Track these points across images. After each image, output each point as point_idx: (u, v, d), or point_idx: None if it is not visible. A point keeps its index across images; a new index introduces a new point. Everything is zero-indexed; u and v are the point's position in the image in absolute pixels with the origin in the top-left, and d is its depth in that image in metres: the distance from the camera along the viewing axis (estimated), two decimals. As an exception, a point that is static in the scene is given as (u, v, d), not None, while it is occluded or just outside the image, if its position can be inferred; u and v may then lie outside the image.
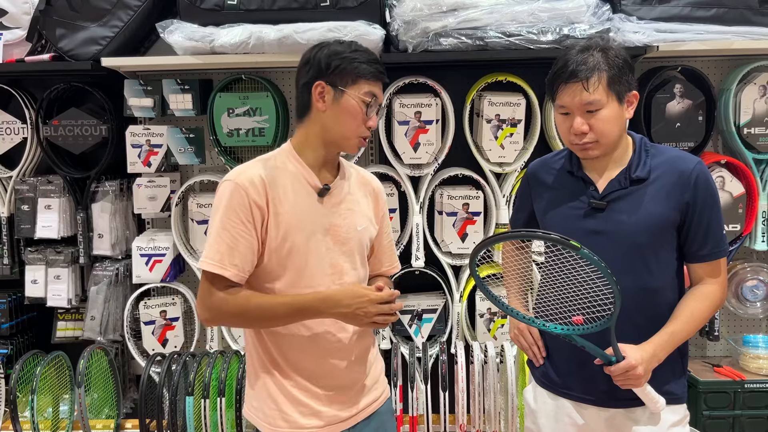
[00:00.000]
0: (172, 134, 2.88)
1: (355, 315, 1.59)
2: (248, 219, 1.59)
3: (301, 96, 1.68)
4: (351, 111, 1.63)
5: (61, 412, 2.86)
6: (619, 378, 1.60)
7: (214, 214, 1.62)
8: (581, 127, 1.65)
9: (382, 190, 1.87)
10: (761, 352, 2.79)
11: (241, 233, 1.58)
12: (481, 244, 1.58)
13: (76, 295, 2.99)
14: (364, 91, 1.63)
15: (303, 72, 1.66)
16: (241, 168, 1.65)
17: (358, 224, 1.74)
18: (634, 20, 2.59)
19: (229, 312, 1.60)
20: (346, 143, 1.67)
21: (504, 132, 2.79)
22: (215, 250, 1.58)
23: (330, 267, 1.68)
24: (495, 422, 2.64)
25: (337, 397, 1.71)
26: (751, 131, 2.80)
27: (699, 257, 1.71)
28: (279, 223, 1.61)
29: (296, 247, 1.63)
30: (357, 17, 2.59)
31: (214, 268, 1.58)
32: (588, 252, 1.47)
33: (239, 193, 1.59)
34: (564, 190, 1.78)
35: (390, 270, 1.92)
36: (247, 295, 1.61)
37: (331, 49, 1.64)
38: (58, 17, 2.71)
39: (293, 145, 1.70)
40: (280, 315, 1.61)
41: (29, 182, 2.95)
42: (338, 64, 1.62)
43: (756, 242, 2.84)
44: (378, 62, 1.66)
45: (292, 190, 1.64)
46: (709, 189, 1.69)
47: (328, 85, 1.62)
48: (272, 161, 1.67)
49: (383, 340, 2.85)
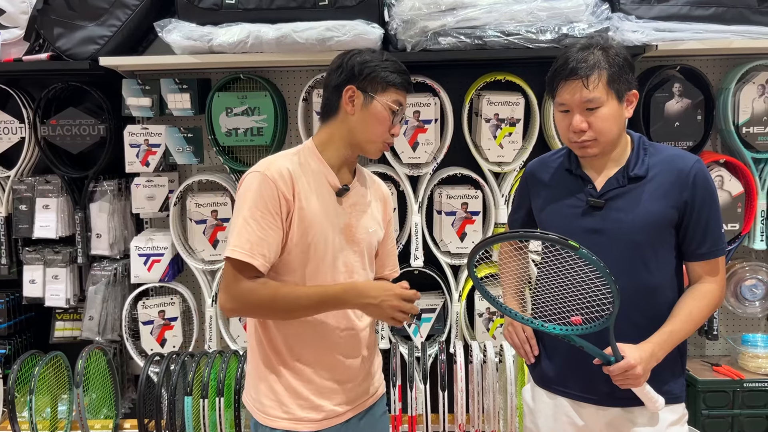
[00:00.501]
0: (171, 134, 2.87)
1: (380, 307, 1.63)
2: (276, 211, 1.61)
3: (330, 98, 1.73)
4: (379, 117, 1.68)
5: (59, 412, 2.86)
6: (618, 378, 1.60)
7: (242, 204, 1.63)
8: (580, 125, 1.65)
9: (390, 196, 1.93)
10: (760, 351, 2.79)
11: (270, 224, 1.61)
12: (479, 244, 1.57)
13: (74, 295, 2.99)
14: (392, 99, 1.69)
15: (334, 75, 1.71)
16: (269, 160, 1.69)
17: (369, 227, 1.79)
18: (632, 19, 2.59)
19: (258, 302, 1.61)
20: (370, 147, 1.72)
21: (503, 131, 2.79)
22: (245, 239, 1.59)
23: (343, 265, 1.72)
24: (494, 422, 2.64)
25: (336, 392, 1.74)
26: (749, 130, 2.80)
27: (697, 256, 1.71)
28: (302, 218, 1.65)
29: (315, 242, 1.67)
30: (356, 16, 2.58)
31: (244, 256, 1.58)
32: (587, 252, 1.47)
33: (268, 184, 1.61)
34: (562, 188, 1.78)
35: (392, 274, 1.96)
36: (276, 285, 1.63)
37: (364, 56, 1.70)
38: (56, 16, 2.71)
39: (316, 144, 1.74)
40: (306, 305, 1.63)
41: (27, 182, 2.94)
42: (370, 72, 1.68)
43: (755, 241, 2.84)
44: (407, 73, 1.73)
45: (315, 188, 1.68)
46: (708, 187, 1.69)
47: (358, 90, 1.68)
48: (298, 157, 1.71)
49: (382, 339, 2.85)
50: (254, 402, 1.75)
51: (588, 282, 1.56)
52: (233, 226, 1.64)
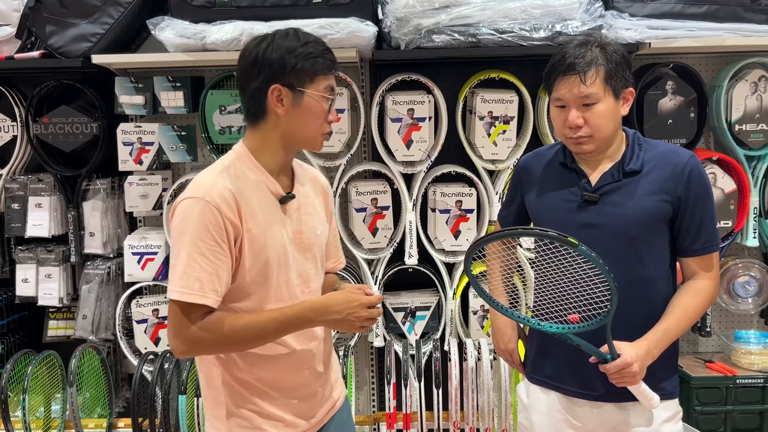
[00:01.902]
0: (164, 132, 2.86)
1: (347, 320, 1.54)
2: (223, 239, 1.46)
3: (252, 101, 1.55)
4: (314, 111, 1.54)
5: (52, 411, 2.85)
6: (615, 376, 1.60)
7: (182, 236, 1.46)
8: (576, 120, 1.65)
9: (328, 185, 1.81)
10: (753, 347, 2.81)
11: (218, 256, 1.46)
12: (477, 242, 1.57)
13: (67, 294, 2.98)
14: (323, 87, 1.54)
15: (251, 74, 1.53)
16: (205, 182, 1.50)
17: (317, 228, 1.68)
18: (626, 17, 2.60)
19: (215, 340, 1.48)
20: (312, 143, 1.59)
21: (497, 129, 2.79)
22: (194, 278, 1.44)
23: (298, 277, 1.62)
24: (488, 419, 2.65)
25: (306, 405, 1.67)
26: (742, 128, 2.81)
27: (692, 251, 1.71)
28: (252, 239, 1.51)
29: (270, 261, 1.54)
30: (349, 14, 2.58)
31: (197, 298, 1.44)
32: (586, 249, 1.46)
33: (211, 211, 1.45)
34: (556, 182, 1.78)
35: (336, 266, 1.85)
36: (231, 319, 1.48)
37: (281, 45, 1.51)
38: (48, 14, 2.69)
39: (249, 150, 1.58)
40: (270, 332, 1.51)
41: (19, 180, 2.93)
42: (294, 63, 1.50)
43: (747, 238, 2.85)
44: (330, 50, 1.56)
45: (258, 202, 1.54)
46: (702, 183, 1.69)
47: (285, 87, 1.51)
48: (233, 170, 1.54)
49: (376, 338, 2.85)
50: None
51: (585, 279, 1.56)
52: (176, 262, 1.46)
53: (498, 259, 1.93)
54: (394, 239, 2.88)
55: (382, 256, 2.87)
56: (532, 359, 1.86)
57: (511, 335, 1.94)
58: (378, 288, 2.83)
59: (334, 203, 1.83)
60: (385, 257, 2.87)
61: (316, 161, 2.79)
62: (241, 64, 1.55)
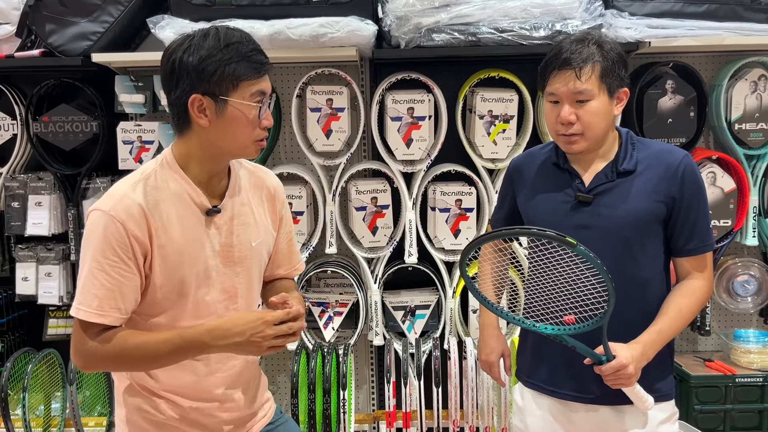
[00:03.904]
0: (164, 130, 2.86)
1: (250, 343, 1.40)
2: (128, 256, 1.38)
3: (174, 109, 1.44)
4: (241, 120, 1.41)
5: (52, 409, 2.86)
6: (610, 378, 1.59)
7: (86, 250, 1.40)
8: (568, 116, 1.63)
9: (278, 188, 1.67)
10: (752, 346, 2.81)
11: (122, 273, 1.39)
12: (473, 242, 1.56)
13: (67, 293, 2.97)
14: (250, 94, 1.41)
15: (170, 82, 1.41)
16: (115, 193, 1.42)
17: (252, 240, 1.56)
18: (626, 16, 2.60)
19: (106, 357, 1.41)
20: (243, 152, 1.47)
21: (496, 128, 2.79)
22: (92, 295, 1.38)
23: (221, 293, 1.52)
24: (488, 418, 2.65)
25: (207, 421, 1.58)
26: (742, 127, 2.81)
27: (685, 251, 1.70)
28: (165, 256, 1.43)
29: (185, 278, 1.46)
30: (349, 12, 2.58)
31: (93, 317, 1.38)
32: (584, 249, 1.45)
33: (115, 226, 1.37)
34: (549, 182, 1.76)
35: (290, 273, 1.74)
36: (124, 336, 1.41)
37: (200, 50, 1.38)
38: (48, 12, 2.69)
39: (176, 158, 1.48)
40: (163, 354, 1.41)
41: (19, 179, 2.92)
42: (213, 70, 1.37)
43: (747, 237, 2.85)
44: (257, 50, 1.42)
45: (177, 215, 1.45)
46: (696, 182, 1.68)
47: (206, 97, 1.39)
48: (152, 180, 1.45)
49: (376, 336, 2.85)
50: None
51: (581, 280, 1.55)
52: (80, 275, 1.41)
53: (490, 261, 1.92)
54: (394, 238, 2.88)
55: (381, 254, 2.87)
56: (527, 364, 1.84)
57: (494, 348, 1.93)
58: (378, 287, 2.83)
59: (285, 206, 1.69)
60: (384, 256, 2.87)
61: (315, 160, 2.80)
62: (162, 69, 1.44)
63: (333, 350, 2.69)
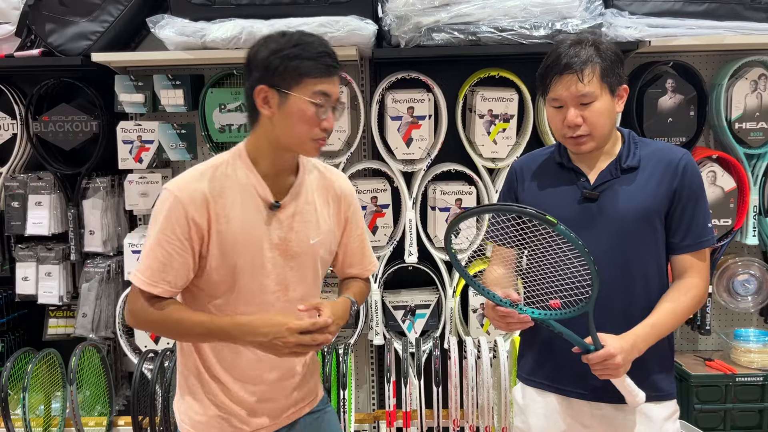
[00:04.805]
0: (164, 130, 2.86)
1: (272, 345, 1.48)
2: (185, 236, 1.50)
3: (247, 100, 1.55)
4: (299, 115, 1.49)
5: (53, 409, 2.86)
6: (597, 367, 1.58)
7: (153, 224, 1.53)
8: (575, 119, 1.65)
9: (348, 191, 1.74)
10: (752, 345, 2.81)
11: (177, 249, 1.50)
12: (456, 218, 1.55)
13: (67, 292, 2.98)
14: (311, 92, 1.48)
15: (246, 74, 1.54)
16: (185, 178, 1.54)
17: (311, 237, 1.63)
18: (626, 15, 2.60)
19: (149, 321, 1.55)
20: (301, 148, 1.55)
21: (496, 127, 2.79)
22: (146, 266, 1.52)
23: (276, 284, 1.60)
24: (488, 417, 2.65)
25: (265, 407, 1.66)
26: (742, 126, 2.81)
27: (683, 248, 1.71)
28: (222, 242, 1.53)
29: (240, 264, 1.55)
30: (349, 12, 2.58)
31: (144, 285, 1.52)
32: (564, 228, 1.45)
33: (178, 208, 1.49)
34: (554, 181, 1.78)
35: (362, 273, 1.81)
36: (169, 309, 1.54)
37: (271, 46, 1.49)
38: (48, 12, 2.69)
39: (248, 151, 1.58)
40: (196, 333, 1.55)
41: (19, 179, 2.92)
42: (278, 64, 1.47)
43: (747, 237, 2.85)
44: (328, 54, 1.50)
45: (240, 205, 1.54)
46: (696, 179, 1.71)
47: (270, 88, 1.49)
48: (222, 169, 1.56)
49: (376, 336, 2.85)
50: (181, 414, 1.67)
51: (567, 264, 1.54)
52: (144, 246, 1.55)
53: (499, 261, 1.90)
54: (394, 237, 2.88)
55: (382, 254, 2.87)
56: (530, 363, 1.84)
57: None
58: (378, 286, 2.83)
59: (353, 209, 1.76)
60: (384, 255, 2.87)
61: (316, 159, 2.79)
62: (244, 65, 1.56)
63: (333, 350, 2.69)
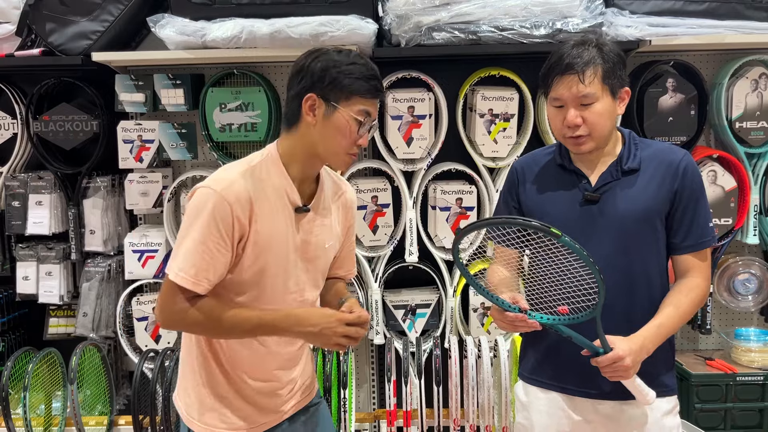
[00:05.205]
0: (164, 129, 2.86)
1: (322, 335, 1.56)
2: (228, 235, 1.53)
3: (292, 104, 1.60)
4: (342, 129, 1.56)
5: (53, 408, 2.86)
6: (607, 369, 1.61)
7: (193, 222, 1.53)
8: (575, 120, 1.66)
9: (353, 201, 1.83)
10: (753, 345, 2.81)
11: (220, 248, 1.53)
12: (462, 231, 1.57)
13: (68, 292, 2.98)
14: (357, 109, 1.55)
15: (295, 80, 1.59)
16: (226, 177, 1.57)
17: (326, 241, 1.71)
18: (626, 14, 2.59)
19: (193, 323, 1.56)
20: (333, 159, 1.61)
21: (497, 127, 2.79)
22: (191, 264, 1.52)
23: (294, 285, 1.66)
24: (489, 416, 2.65)
25: (272, 401, 1.72)
26: (743, 125, 2.80)
27: (684, 248, 1.73)
28: (256, 241, 1.57)
29: (268, 265, 1.60)
30: (349, 11, 2.58)
31: (188, 283, 1.52)
32: (569, 240, 1.47)
33: (224, 207, 1.51)
34: (555, 183, 1.79)
35: (347, 275, 1.89)
36: (212, 306, 1.56)
37: (328, 59, 1.56)
38: (48, 11, 2.69)
39: (280, 153, 1.63)
40: (242, 330, 1.58)
41: (20, 178, 2.92)
42: (333, 78, 1.54)
43: (747, 236, 2.85)
44: (377, 78, 1.59)
45: (273, 207, 1.59)
46: (696, 179, 1.73)
47: (320, 98, 1.55)
48: (257, 171, 1.60)
49: (377, 335, 2.85)
50: (187, 407, 1.70)
51: (573, 272, 1.56)
52: (181, 243, 1.54)
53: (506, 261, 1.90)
54: (395, 237, 2.88)
55: (382, 253, 2.87)
56: (533, 362, 1.85)
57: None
58: (378, 285, 2.83)
59: (355, 217, 1.86)
60: (385, 255, 2.87)
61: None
62: (293, 69, 1.61)
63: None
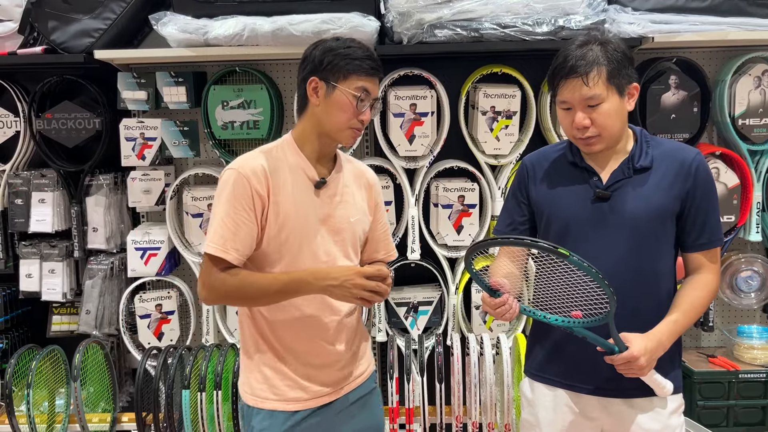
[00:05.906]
0: (166, 127, 2.86)
1: (342, 287, 1.67)
2: (249, 207, 1.68)
3: (298, 91, 1.77)
4: (341, 105, 1.70)
5: (57, 406, 2.87)
6: (622, 367, 1.62)
7: (218, 201, 1.71)
8: (583, 122, 1.66)
9: (376, 182, 1.95)
10: (755, 342, 2.81)
11: (243, 220, 1.67)
12: (472, 247, 1.60)
13: (71, 289, 2.99)
14: (355, 86, 1.70)
15: (301, 68, 1.76)
16: (244, 157, 1.74)
17: (351, 216, 1.82)
18: (629, 11, 2.59)
19: (228, 290, 1.70)
20: (339, 135, 1.75)
21: (499, 124, 2.79)
22: (219, 235, 1.67)
23: (324, 254, 1.77)
24: (491, 414, 2.65)
25: (321, 375, 1.81)
26: (745, 122, 2.80)
27: (697, 246, 1.74)
28: (278, 212, 1.71)
29: (293, 234, 1.72)
30: (351, 9, 2.57)
31: (217, 251, 1.67)
32: (577, 259, 1.47)
33: (242, 182, 1.67)
34: (566, 180, 1.79)
35: (386, 257, 1.99)
36: (244, 275, 1.70)
37: (326, 45, 1.73)
38: (51, 9, 2.69)
39: (294, 138, 1.79)
40: (273, 291, 1.69)
41: (23, 176, 2.93)
42: (330, 60, 1.70)
43: (750, 233, 2.85)
44: (372, 58, 1.73)
45: (291, 181, 1.73)
46: (708, 178, 1.73)
47: (321, 80, 1.71)
48: (274, 152, 1.76)
49: (379, 333, 2.85)
50: (244, 386, 1.82)
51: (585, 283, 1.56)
52: (212, 222, 1.71)
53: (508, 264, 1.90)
54: (397, 234, 2.88)
55: (384, 251, 2.87)
56: (540, 359, 1.85)
57: None
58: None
59: (380, 197, 1.99)
60: (387, 252, 2.87)
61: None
62: (300, 62, 1.77)
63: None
